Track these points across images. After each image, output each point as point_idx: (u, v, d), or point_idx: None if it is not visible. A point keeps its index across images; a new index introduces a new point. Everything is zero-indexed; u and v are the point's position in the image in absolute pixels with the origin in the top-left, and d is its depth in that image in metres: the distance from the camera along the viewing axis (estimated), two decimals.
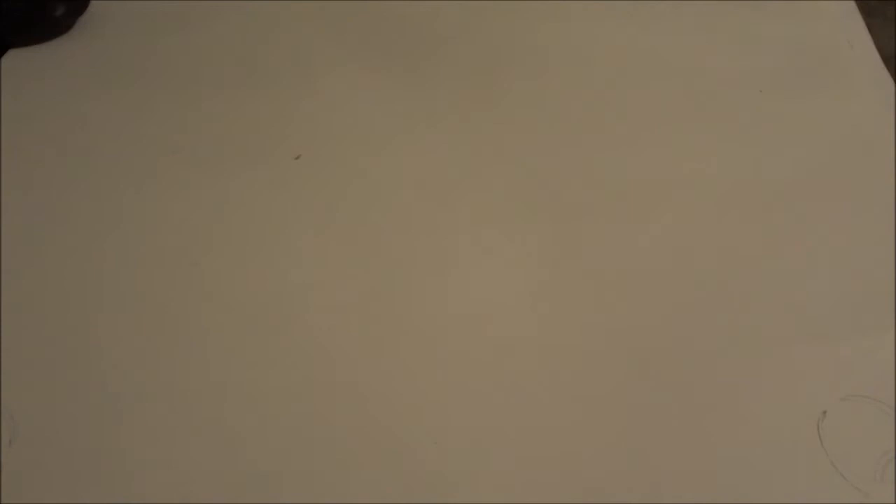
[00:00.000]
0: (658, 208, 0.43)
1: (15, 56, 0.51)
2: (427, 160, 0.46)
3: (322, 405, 0.35)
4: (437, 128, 0.48)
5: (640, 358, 0.36)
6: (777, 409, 0.34)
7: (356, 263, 0.40)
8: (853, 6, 0.57)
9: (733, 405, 0.35)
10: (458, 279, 0.40)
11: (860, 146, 0.46)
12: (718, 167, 0.45)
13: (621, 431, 0.34)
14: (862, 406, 0.34)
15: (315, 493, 0.32)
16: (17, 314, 0.38)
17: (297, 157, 0.46)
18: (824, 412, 0.34)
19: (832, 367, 0.36)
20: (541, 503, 0.32)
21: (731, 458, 0.33)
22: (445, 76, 0.51)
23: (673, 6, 0.57)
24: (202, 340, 0.37)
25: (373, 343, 0.37)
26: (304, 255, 0.41)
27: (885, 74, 0.51)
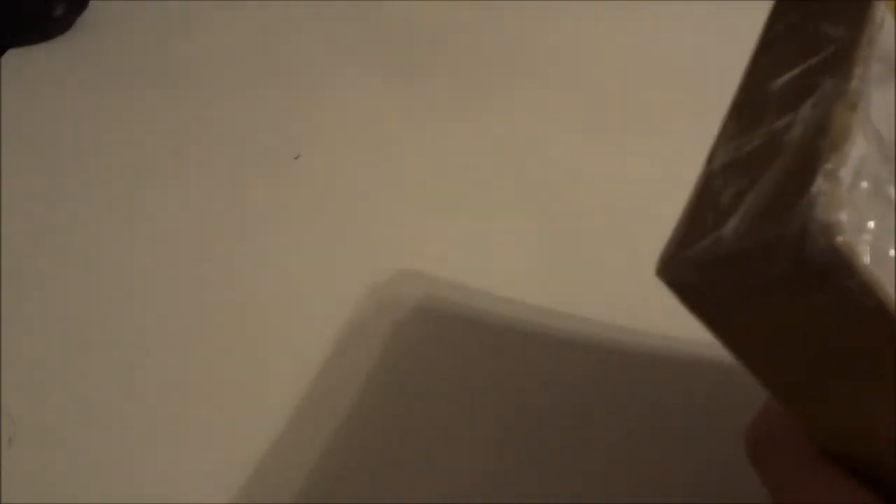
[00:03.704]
0: (658, 209, 0.43)
1: (14, 56, 0.51)
2: (428, 160, 0.46)
3: (322, 405, 0.35)
4: (437, 127, 0.48)
5: (640, 358, 0.36)
6: None
7: (356, 263, 0.40)
8: None
9: (735, 408, 0.35)
10: (459, 278, 0.40)
11: None
12: None
13: (621, 436, 0.34)
14: None
15: (315, 492, 0.32)
16: (17, 314, 0.38)
17: (296, 157, 0.46)
18: None
19: None
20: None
21: (730, 462, 0.33)
22: (446, 76, 0.52)
23: (677, 5, 0.57)
24: (202, 340, 0.37)
25: (372, 342, 0.37)
26: (303, 255, 0.41)
27: None
